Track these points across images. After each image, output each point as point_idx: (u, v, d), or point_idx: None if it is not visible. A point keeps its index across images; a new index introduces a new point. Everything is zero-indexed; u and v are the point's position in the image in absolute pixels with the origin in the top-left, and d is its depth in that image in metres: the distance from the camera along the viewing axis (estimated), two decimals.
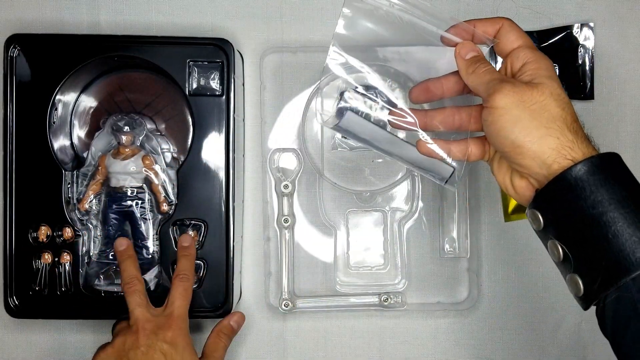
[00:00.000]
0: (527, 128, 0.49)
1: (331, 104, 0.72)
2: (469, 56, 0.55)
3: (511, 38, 0.54)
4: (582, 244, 0.48)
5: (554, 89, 0.50)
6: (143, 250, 0.70)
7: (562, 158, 0.49)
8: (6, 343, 0.75)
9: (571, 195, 0.48)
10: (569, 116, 0.50)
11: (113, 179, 0.70)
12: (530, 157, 0.50)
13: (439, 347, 0.77)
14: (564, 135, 0.49)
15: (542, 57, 0.53)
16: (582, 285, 0.49)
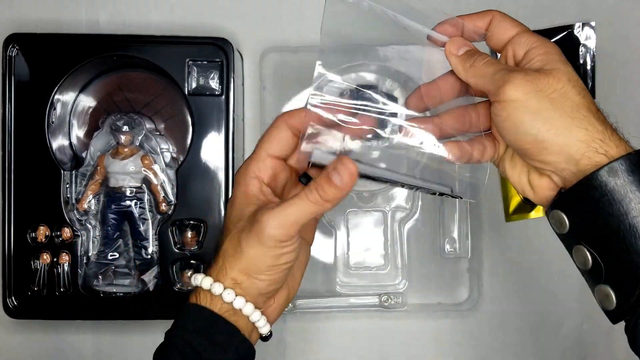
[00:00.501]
0: (550, 119, 0.43)
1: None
2: (462, 51, 0.49)
3: (506, 27, 0.48)
4: (617, 253, 0.42)
5: (571, 75, 0.45)
6: (142, 251, 0.70)
7: (592, 152, 0.43)
8: (5, 343, 0.75)
9: (605, 198, 0.42)
10: (592, 105, 0.44)
11: (112, 179, 0.70)
12: (556, 152, 0.44)
13: (440, 348, 0.77)
14: (592, 125, 0.43)
15: (547, 40, 0.47)
16: (615, 299, 0.43)
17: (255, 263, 0.46)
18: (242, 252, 0.46)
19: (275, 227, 0.45)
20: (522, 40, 0.47)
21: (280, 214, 0.46)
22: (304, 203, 0.46)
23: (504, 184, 0.77)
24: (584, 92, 0.44)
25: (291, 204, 0.46)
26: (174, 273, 0.70)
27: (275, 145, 0.50)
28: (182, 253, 0.70)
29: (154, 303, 0.70)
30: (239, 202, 0.49)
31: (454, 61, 0.49)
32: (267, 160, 0.50)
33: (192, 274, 0.70)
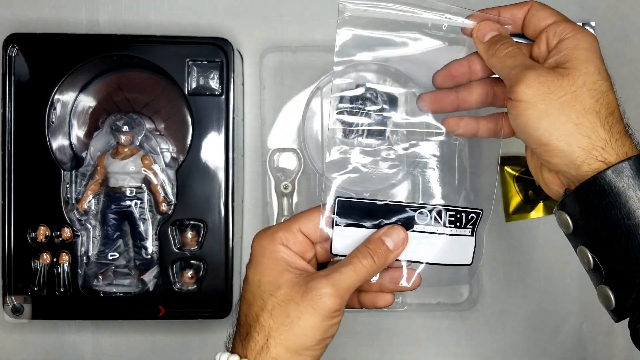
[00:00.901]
0: (554, 124, 0.44)
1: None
2: (489, 37, 0.49)
3: (543, 15, 0.48)
4: (615, 256, 0.44)
5: (589, 76, 0.45)
6: (142, 251, 0.70)
7: (592, 159, 0.44)
8: (5, 343, 0.75)
9: (603, 202, 0.43)
10: (604, 108, 0.44)
11: (112, 179, 0.70)
12: (558, 156, 0.45)
13: (440, 347, 0.77)
14: (595, 133, 0.44)
15: (583, 32, 0.47)
16: (614, 300, 0.44)
17: (306, 337, 0.44)
18: (293, 325, 0.43)
19: (333, 295, 0.44)
20: (558, 30, 0.47)
21: (338, 281, 0.44)
22: (357, 269, 0.45)
23: (504, 184, 0.77)
24: (600, 95, 0.45)
25: (345, 271, 0.45)
26: (174, 273, 0.70)
27: (310, 224, 0.48)
28: (182, 253, 0.70)
29: (153, 303, 0.70)
30: (269, 270, 0.46)
31: (480, 46, 0.50)
32: (299, 235, 0.48)
33: (193, 275, 0.70)
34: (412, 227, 0.49)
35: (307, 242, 0.48)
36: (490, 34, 0.49)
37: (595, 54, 0.46)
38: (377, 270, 0.46)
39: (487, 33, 0.49)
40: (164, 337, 0.76)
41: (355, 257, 0.46)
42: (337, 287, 0.44)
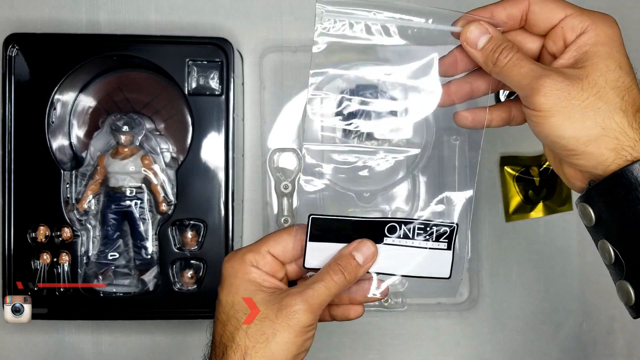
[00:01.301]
0: (580, 130, 0.42)
1: (331, 104, 0.71)
2: (482, 43, 0.45)
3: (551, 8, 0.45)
4: (637, 251, 0.42)
5: (610, 73, 0.42)
6: (142, 251, 0.70)
7: (622, 160, 0.42)
8: (5, 343, 0.75)
9: (629, 196, 0.42)
10: (630, 106, 0.42)
11: (112, 179, 0.70)
12: (585, 159, 0.43)
13: (440, 347, 0.77)
14: (624, 133, 0.42)
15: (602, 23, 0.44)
16: (634, 296, 0.43)
17: (282, 352, 0.45)
18: (269, 342, 0.45)
19: (306, 311, 0.45)
20: (575, 22, 0.44)
21: (310, 297, 0.46)
22: (328, 284, 0.46)
23: (504, 184, 0.77)
24: (625, 92, 0.43)
25: (317, 287, 0.46)
26: (173, 273, 0.70)
27: (278, 246, 0.49)
28: (182, 253, 0.70)
29: (153, 303, 0.70)
30: (242, 290, 0.47)
31: (476, 56, 0.46)
32: (268, 256, 0.49)
33: (193, 275, 0.71)
34: (382, 240, 0.50)
35: (277, 262, 0.49)
36: (483, 40, 0.45)
37: (616, 47, 0.44)
38: (348, 285, 0.47)
39: (478, 39, 0.45)
40: (164, 337, 0.76)
41: (327, 273, 0.47)
42: (310, 303, 0.45)
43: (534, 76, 0.43)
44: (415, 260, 0.50)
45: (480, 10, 0.46)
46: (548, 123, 0.43)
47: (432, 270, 0.50)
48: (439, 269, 0.50)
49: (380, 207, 0.76)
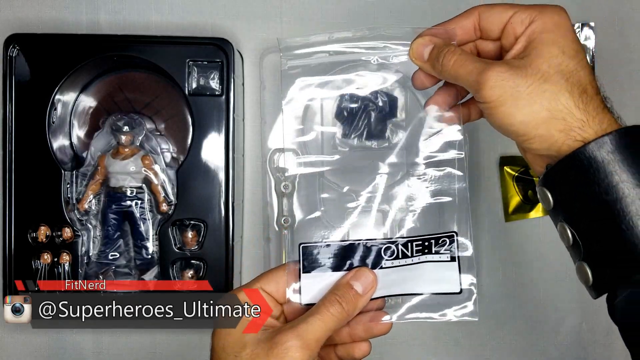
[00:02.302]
0: (528, 115, 0.44)
1: (331, 104, 0.71)
2: (427, 54, 0.48)
3: (499, 11, 0.47)
4: (593, 232, 0.44)
5: (553, 58, 0.44)
6: (142, 251, 0.70)
7: (571, 140, 0.43)
8: (6, 343, 0.75)
9: (583, 178, 0.43)
10: (575, 87, 0.44)
11: (112, 179, 0.70)
12: (538, 142, 0.45)
13: (440, 347, 0.77)
14: (571, 114, 0.43)
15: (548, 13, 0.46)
16: (591, 276, 0.44)
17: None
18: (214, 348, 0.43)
19: (301, 347, 0.42)
20: (522, 17, 0.46)
21: (305, 332, 0.43)
22: (325, 317, 0.44)
23: (503, 184, 0.77)
24: (569, 74, 0.44)
25: (313, 321, 0.43)
26: (174, 273, 0.70)
27: (271, 283, 0.48)
28: (182, 253, 0.70)
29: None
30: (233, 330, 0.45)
31: (425, 68, 0.49)
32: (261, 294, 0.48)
33: (194, 275, 0.71)
34: (380, 264, 0.47)
35: (271, 300, 0.47)
36: (427, 51, 0.48)
37: (561, 33, 0.45)
38: (347, 317, 0.45)
39: (422, 52, 0.48)
40: (164, 337, 0.76)
41: (323, 306, 0.45)
42: (305, 339, 0.43)
43: (479, 71, 0.45)
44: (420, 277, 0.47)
45: (435, 27, 0.49)
46: (498, 112, 0.44)
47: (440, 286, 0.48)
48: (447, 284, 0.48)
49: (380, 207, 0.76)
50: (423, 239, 0.49)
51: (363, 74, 0.54)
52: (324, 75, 0.53)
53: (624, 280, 0.42)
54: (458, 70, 0.46)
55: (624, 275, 0.42)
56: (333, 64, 0.52)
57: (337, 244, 0.48)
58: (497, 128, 0.47)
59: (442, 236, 0.49)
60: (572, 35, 0.45)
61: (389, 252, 0.48)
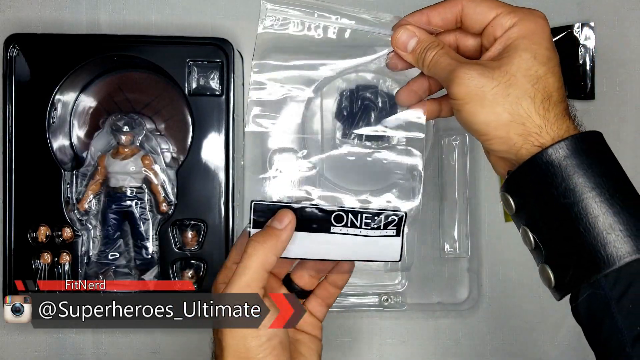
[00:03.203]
0: (490, 115, 0.45)
1: (332, 103, 0.71)
2: (412, 45, 0.49)
3: (483, 9, 0.48)
4: (553, 235, 0.45)
5: (523, 63, 0.45)
6: (142, 250, 0.70)
7: (529, 145, 0.45)
8: (5, 343, 0.75)
9: (542, 182, 0.44)
10: (539, 93, 0.45)
11: (112, 179, 0.70)
12: (497, 144, 0.46)
13: (440, 347, 0.77)
14: (530, 119, 0.45)
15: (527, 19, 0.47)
16: (553, 278, 0.45)
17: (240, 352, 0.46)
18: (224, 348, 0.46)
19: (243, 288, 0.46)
20: (503, 21, 0.47)
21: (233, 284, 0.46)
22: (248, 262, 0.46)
23: None
24: (535, 80, 0.45)
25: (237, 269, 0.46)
26: (174, 273, 0.70)
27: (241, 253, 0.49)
28: (182, 253, 0.70)
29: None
30: None
31: (406, 57, 0.50)
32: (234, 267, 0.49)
33: (193, 275, 0.71)
34: (329, 229, 0.50)
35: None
36: (412, 43, 0.49)
37: (536, 40, 0.46)
38: (269, 251, 0.47)
39: (407, 43, 0.50)
40: (164, 337, 0.76)
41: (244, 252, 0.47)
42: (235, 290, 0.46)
43: (451, 68, 0.46)
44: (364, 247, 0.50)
45: (417, 14, 0.50)
46: (464, 110, 0.46)
47: (381, 255, 0.51)
48: (388, 254, 0.51)
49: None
50: (373, 212, 0.51)
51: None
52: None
53: (585, 281, 0.44)
54: (436, 65, 0.48)
55: (584, 276, 0.44)
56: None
57: (289, 205, 0.50)
58: (462, 125, 0.48)
59: (391, 214, 0.51)
60: (547, 43, 0.47)
61: (339, 220, 0.50)
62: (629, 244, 0.42)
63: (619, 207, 0.43)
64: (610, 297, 0.43)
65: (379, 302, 0.75)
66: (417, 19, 0.50)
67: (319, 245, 0.50)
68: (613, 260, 0.42)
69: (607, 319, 0.43)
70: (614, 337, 0.43)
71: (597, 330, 0.45)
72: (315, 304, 0.54)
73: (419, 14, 0.50)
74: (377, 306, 0.75)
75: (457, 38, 0.51)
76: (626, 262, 0.42)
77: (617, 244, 0.42)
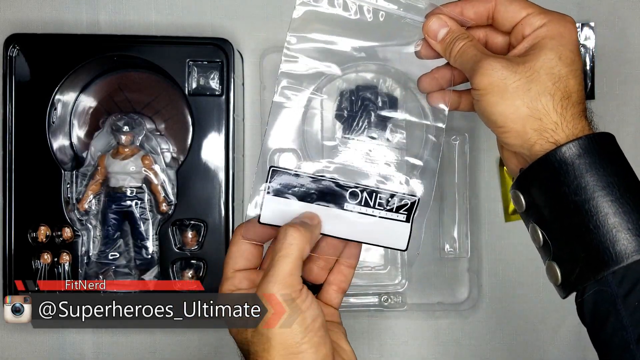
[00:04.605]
0: (509, 108, 0.46)
1: (332, 103, 0.71)
2: (441, 36, 0.50)
3: (514, 9, 0.49)
4: (562, 232, 0.46)
5: (547, 62, 0.46)
6: (142, 251, 0.70)
7: (543, 140, 0.46)
8: (6, 343, 0.75)
9: (554, 180, 0.45)
10: (559, 92, 0.46)
11: (112, 179, 0.70)
12: (513, 137, 0.47)
13: (440, 347, 0.77)
14: (547, 115, 0.46)
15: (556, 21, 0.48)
16: (560, 275, 0.46)
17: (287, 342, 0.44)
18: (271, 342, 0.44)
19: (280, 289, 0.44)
20: (532, 21, 0.48)
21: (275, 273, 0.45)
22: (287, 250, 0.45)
23: (503, 184, 0.77)
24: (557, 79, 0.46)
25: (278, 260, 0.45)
26: (174, 273, 0.71)
27: (239, 259, 0.50)
28: (182, 253, 0.70)
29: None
30: None
31: (435, 46, 0.51)
32: (237, 275, 0.49)
33: (194, 275, 0.71)
34: (342, 205, 0.50)
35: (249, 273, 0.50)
36: (442, 33, 0.50)
37: (562, 42, 0.47)
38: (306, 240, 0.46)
39: (438, 32, 0.50)
40: (164, 336, 0.76)
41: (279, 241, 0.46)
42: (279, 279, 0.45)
43: (477, 59, 0.47)
44: (373, 228, 0.50)
45: (451, 5, 0.51)
46: (484, 100, 0.47)
47: (389, 241, 0.51)
48: (396, 240, 0.51)
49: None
50: (388, 193, 0.51)
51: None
52: None
53: (592, 277, 0.44)
54: (462, 56, 0.49)
55: (591, 273, 0.44)
56: None
57: (307, 176, 0.50)
58: (480, 116, 0.49)
59: (406, 197, 0.51)
60: (572, 46, 0.47)
61: (354, 197, 0.50)
62: (637, 242, 0.43)
63: (629, 206, 0.44)
64: (616, 294, 0.44)
65: (379, 302, 0.75)
66: (451, 10, 0.51)
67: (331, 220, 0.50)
68: (621, 257, 0.43)
69: (612, 317, 0.44)
70: (619, 334, 0.44)
71: (601, 328, 0.45)
72: (330, 292, 0.54)
73: (453, 5, 0.51)
74: (377, 306, 0.75)
75: (487, 34, 0.52)
76: (634, 260, 0.43)
77: (626, 242, 0.43)
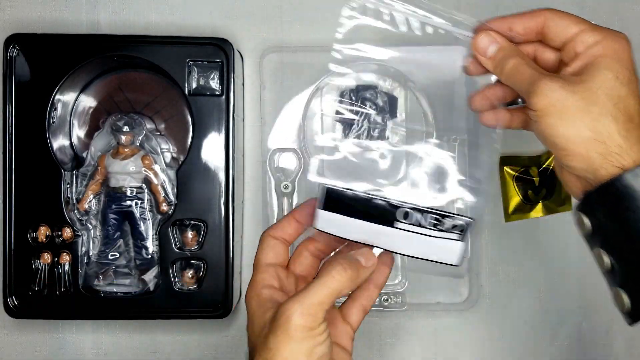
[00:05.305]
0: (571, 130, 0.44)
1: (331, 103, 0.71)
2: (491, 53, 0.49)
3: (564, 24, 0.47)
4: (630, 258, 0.44)
5: (605, 82, 0.45)
6: (142, 251, 0.70)
7: (609, 164, 0.44)
8: (5, 343, 0.75)
9: (621, 205, 0.44)
10: (621, 114, 0.44)
11: (112, 179, 0.70)
12: (576, 160, 0.45)
13: (440, 347, 0.77)
14: (611, 139, 0.44)
15: (610, 39, 0.46)
16: (629, 303, 0.44)
17: None
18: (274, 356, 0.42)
19: (302, 314, 0.43)
20: (585, 38, 0.47)
21: (305, 298, 0.43)
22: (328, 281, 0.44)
23: (503, 184, 0.77)
24: (618, 99, 0.44)
25: (314, 286, 0.44)
26: (174, 273, 0.70)
27: (270, 253, 0.49)
28: (182, 253, 0.70)
29: (154, 303, 0.70)
30: (257, 315, 0.46)
31: (485, 63, 0.50)
32: (270, 269, 0.48)
33: (194, 275, 0.71)
34: (393, 224, 0.49)
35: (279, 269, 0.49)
36: (492, 49, 0.49)
37: (619, 61, 0.46)
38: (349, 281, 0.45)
39: (487, 48, 0.49)
40: (164, 337, 0.76)
41: (325, 270, 0.45)
42: (305, 304, 0.43)
43: (533, 80, 0.46)
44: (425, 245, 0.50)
45: (499, 20, 0.50)
46: (544, 122, 0.45)
47: (440, 256, 0.50)
48: (448, 256, 0.50)
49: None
50: (441, 214, 0.50)
51: None
52: None
53: None
54: (515, 75, 0.47)
55: None
56: None
57: (358, 194, 0.49)
58: (540, 139, 0.47)
59: (459, 219, 0.49)
60: (629, 64, 0.46)
61: (406, 216, 0.50)
62: None
63: None
64: None
65: (379, 302, 0.75)
66: (499, 26, 0.49)
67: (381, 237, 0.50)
68: None
69: None
70: None
71: None
72: (351, 308, 0.52)
73: (501, 21, 0.49)
74: (377, 306, 0.75)
75: (536, 50, 0.51)
76: None
77: None
